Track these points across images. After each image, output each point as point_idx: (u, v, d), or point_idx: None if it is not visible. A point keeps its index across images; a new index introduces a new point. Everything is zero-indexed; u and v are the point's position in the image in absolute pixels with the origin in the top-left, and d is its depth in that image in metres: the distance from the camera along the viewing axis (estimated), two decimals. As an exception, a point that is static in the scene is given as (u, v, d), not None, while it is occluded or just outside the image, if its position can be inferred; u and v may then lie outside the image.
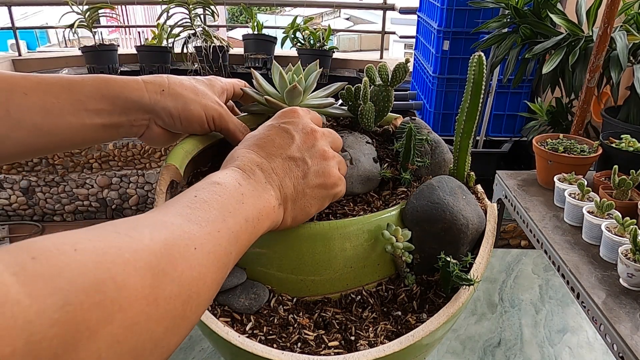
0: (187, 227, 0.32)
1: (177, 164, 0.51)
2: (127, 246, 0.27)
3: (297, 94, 0.59)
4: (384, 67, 0.60)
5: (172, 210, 0.33)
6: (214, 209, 0.35)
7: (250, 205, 0.38)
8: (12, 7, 3.77)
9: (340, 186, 0.48)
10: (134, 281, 0.26)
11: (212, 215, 0.34)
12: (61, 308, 0.22)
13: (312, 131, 0.46)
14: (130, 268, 0.26)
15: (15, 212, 2.58)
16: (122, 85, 0.49)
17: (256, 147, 0.43)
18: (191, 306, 0.30)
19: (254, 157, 0.42)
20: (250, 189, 0.39)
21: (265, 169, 0.42)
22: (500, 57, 2.24)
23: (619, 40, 1.88)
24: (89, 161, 2.52)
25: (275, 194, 0.41)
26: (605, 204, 1.35)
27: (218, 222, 0.34)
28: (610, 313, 1.10)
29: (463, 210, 0.49)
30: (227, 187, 0.37)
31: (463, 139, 0.55)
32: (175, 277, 0.28)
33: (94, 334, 0.23)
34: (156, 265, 0.27)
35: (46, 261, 0.23)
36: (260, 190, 0.40)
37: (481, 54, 0.51)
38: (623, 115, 2.00)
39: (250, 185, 0.39)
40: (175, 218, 0.32)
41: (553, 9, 2.12)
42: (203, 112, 0.52)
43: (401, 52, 6.99)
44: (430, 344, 0.45)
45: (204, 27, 3.62)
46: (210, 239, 0.32)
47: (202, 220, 0.33)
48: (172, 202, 0.35)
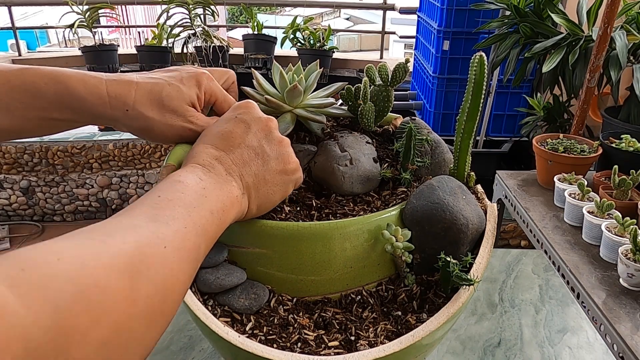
0: (154, 228, 0.33)
1: (177, 164, 0.51)
2: (104, 251, 0.28)
3: (297, 94, 0.59)
4: (384, 67, 0.60)
5: (138, 213, 0.34)
6: (178, 206, 0.36)
7: (213, 198, 0.39)
8: (12, 7, 3.77)
9: (299, 171, 0.49)
10: (114, 284, 0.27)
11: (178, 213, 0.35)
12: (53, 315, 0.23)
13: (267, 119, 0.47)
14: (110, 272, 0.27)
15: (15, 212, 2.58)
16: (84, 99, 0.46)
17: (214, 141, 0.44)
18: (167, 302, 0.31)
19: (212, 151, 0.43)
20: (212, 182, 0.40)
21: (224, 161, 0.43)
22: (501, 57, 2.24)
23: (618, 40, 1.88)
24: (89, 161, 2.51)
25: (237, 184, 0.42)
26: (606, 204, 1.35)
27: (184, 218, 0.35)
28: (611, 313, 1.10)
29: (463, 210, 0.49)
30: (189, 183, 0.39)
31: (463, 139, 0.55)
32: (150, 276, 0.30)
33: (84, 338, 0.24)
34: (132, 267, 0.29)
35: (35, 272, 0.24)
36: (221, 182, 0.41)
37: (482, 54, 0.51)
38: (623, 115, 2.00)
39: (211, 179, 0.41)
40: (143, 220, 0.33)
41: (554, 9, 2.12)
42: (168, 132, 0.50)
43: (401, 52, 6.99)
44: (430, 344, 0.45)
45: (204, 27, 3.62)
46: (178, 235, 0.34)
47: (169, 218, 0.34)
48: (137, 204, 0.36)
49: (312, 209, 0.52)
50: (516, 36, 2.20)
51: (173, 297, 0.32)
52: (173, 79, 0.50)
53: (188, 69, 0.52)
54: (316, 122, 0.61)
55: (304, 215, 0.51)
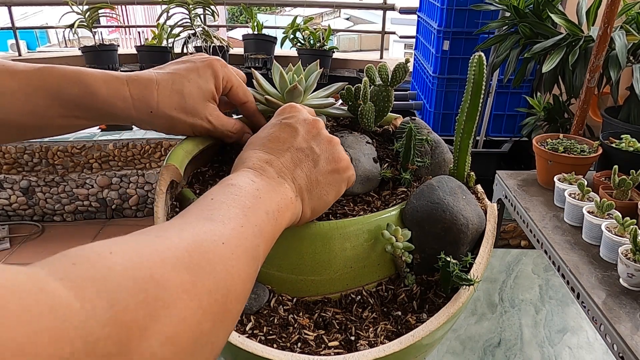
0: (211, 226, 0.32)
1: (177, 164, 0.51)
2: (159, 246, 0.28)
3: (297, 94, 0.59)
4: (384, 67, 0.60)
5: (192, 215, 0.34)
6: (232, 207, 0.35)
7: (267, 199, 0.38)
8: (12, 7, 3.77)
9: (351, 169, 0.48)
10: (172, 277, 0.26)
11: (233, 213, 0.35)
12: (110, 309, 0.22)
13: (314, 121, 0.46)
14: (167, 265, 0.26)
15: (15, 212, 2.58)
16: (109, 103, 0.46)
17: (262, 146, 0.44)
18: (231, 300, 0.30)
19: (262, 155, 0.43)
20: (264, 184, 0.40)
21: (275, 165, 0.42)
22: (501, 58, 2.24)
23: (618, 40, 1.88)
24: (89, 161, 2.51)
25: (290, 186, 0.42)
26: (605, 204, 1.35)
27: (239, 218, 0.35)
28: (611, 313, 1.10)
29: (463, 210, 0.49)
30: (242, 185, 0.38)
31: (463, 139, 0.55)
32: (210, 271, 0.29)
33: (144, 332, 0.23)
34: (190, 261, 0.28)
35: (87, 265, 0.23)
36: (274, 184, 0.41)
37: (481, 54, 0.51)
38: (623, 116, 2.00)
39: (263, 181, 0.40)
40: (198, 220, 0.33)
41: (553, 9, 2.12)
42: (191, 130, 0.53)
43: (401, 52, 6.99)
44: (430, 344, 0.45)
45: (204, 27, 3.62)
46: (235, 234, 0.33)
47: (224, 218, 0.34)
48: (190, 208, 0.36)
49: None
50: (516, 37, 2.21)
51: (236, 295, 0.31)
52: (190, 72, 0.50)
53: (202, 57, 0.52)
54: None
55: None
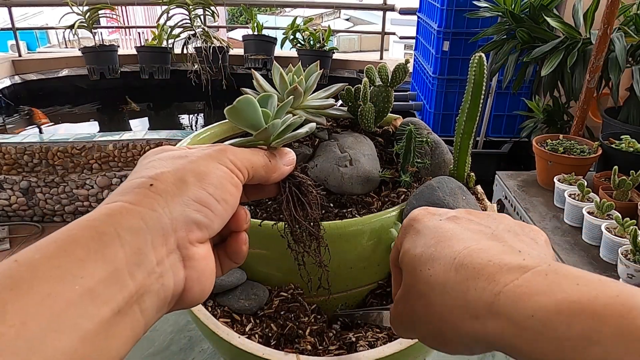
0: None
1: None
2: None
3: (297, 95, 0.59)
4: (384, 67, 0.60)
5: None
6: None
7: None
8: (12, 8, 3.77)
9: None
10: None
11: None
12: None
13: (464, 210, 0.36)
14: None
15: (15, 212, 2.58)
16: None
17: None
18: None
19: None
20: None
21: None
22: (499, 63, 2.25)
23: (617, 42, 1.88)
24: (89, 162, 2.51)
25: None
26: (605, 204, 1.35)
27: None
28: (610, 314, 1.10)
29: (463, 211, 0.49)
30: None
31: (463, 140, 0.55)
32: None
33: None
34: None
35: None
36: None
37: (482, 55, 0.51)
38: (623, 116, 2.00)
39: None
40: None
41: (549, 13, 2.13)
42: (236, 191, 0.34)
43: (401, 53, 6.98)
44: (430, 345, 0.45)
45: (204, 28, 3.63)
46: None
47: None
48: None
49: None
50: (513, 42, 2.21)
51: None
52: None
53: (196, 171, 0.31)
54: (316, 123, 0.61)
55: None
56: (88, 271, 0.24)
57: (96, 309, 0.23)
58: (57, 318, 0.22)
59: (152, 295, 0.27)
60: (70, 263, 0.24)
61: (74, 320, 0.22)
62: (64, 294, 0.22)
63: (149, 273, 0.26)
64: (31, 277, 0.22)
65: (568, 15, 2.24)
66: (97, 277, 0.24)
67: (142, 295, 0.26)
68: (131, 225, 0.27)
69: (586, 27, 2.07)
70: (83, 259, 0.24)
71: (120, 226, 0.26)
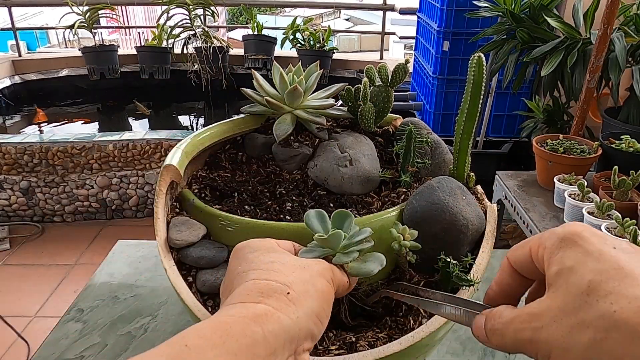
0: None
1: (177, 165, 0.51)
2: None
3: (297, 95, 0.59)
4: (384, 67, 0.60)
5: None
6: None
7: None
8: (12, 8, 3.77)
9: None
10: None
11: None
12: None
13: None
14: None
15: (15, 212, 2.58)
16: None
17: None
18: None
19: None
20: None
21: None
22: (499, 63, 2.24)
23: (617, 42, 1.88)
24: (88, 162, 2.51)
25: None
26: (605, 204, 1.35)
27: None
28: (610, 314, 1.10)
29: (463, 211, 0.49)
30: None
31: (463, 140, 0.55)
32: None
33: None
34: None
35: None
36: None
37: (481, 55, 0.51)
38: (623, 116, 2.00)
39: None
40: None
41: (550, 13, 2.13)
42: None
43: (401, 53, 6.98)
44: (430, 345, 0.45)
45: (204, 28, 3.63)
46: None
47: None
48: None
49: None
50: (513, 42, 2.21)
51: None
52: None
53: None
54: (316, 123, 0.61)
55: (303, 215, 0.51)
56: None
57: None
58: None
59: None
60: (226, 353, 0.29)
61: None
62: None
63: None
64: (197, 358, 0.27)
65: (568, 15, 2.24)
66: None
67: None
68: (274, 329, 0.31)
69: (586, 27, 2.07)
70: (236, 354, 0.29)
71: (266, 328, 0.31)
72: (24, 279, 2.18)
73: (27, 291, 2.10)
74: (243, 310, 0.31)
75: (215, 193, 0.56)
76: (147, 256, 0.89)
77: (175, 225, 0.49)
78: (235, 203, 0.53)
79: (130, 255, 0.89)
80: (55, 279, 2.18)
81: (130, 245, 0.92)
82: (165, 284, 0.79)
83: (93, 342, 0.68)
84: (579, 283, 0.28)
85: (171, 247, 0.48)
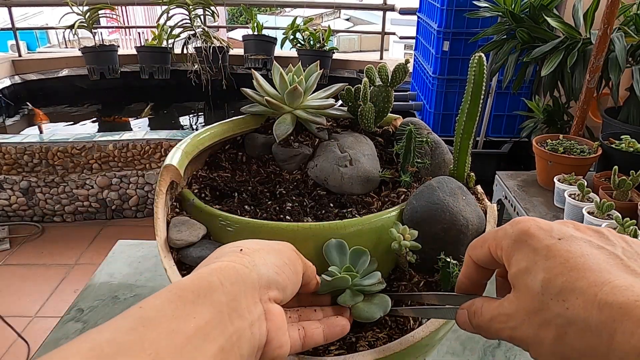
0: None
1: (177, 165, 0.51)
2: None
3: (297, 95, 0.59)
4: (384, 67, 0.60)
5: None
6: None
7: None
8: (12, 8, 3.77)
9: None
10: None
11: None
12: None
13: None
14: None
15: (15, 212, 2.58)
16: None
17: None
18: None
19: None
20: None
21: None
22: (499, 63, 2.24)
23: (617, 42, 1.88)
24: (88, 162, 2.51)
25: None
26: (605, 204, 1.35)
27: None
28: (610, 314, 1.10)
29: (463, 211, 0.49)
30: None
31: (463, 140, 0.55)
32: None
33: None
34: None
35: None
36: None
37: (481, 55, 0.51)
38: (623, 116, 2.00)
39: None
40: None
41: (550, 13, 2.13)
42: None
43: (401, 53, 6.98)
44: (430, 345, 0.45)
45: (204, 28, 3.63)
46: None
47: None
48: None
49: (312, 210, 0.52)
50: (513, 42, 2.21)
51: None
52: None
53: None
54: (316, 123, 0.61)
55: (303, 215, 0.51)
56: (198, 312, 0.28)
57: (207, 344, 0.28)
58: (180, 351, 0.26)
59: (245, 341, 0.31)
60: (184, 305, 0.28)
61: (192, 353, 0.27)
62: (184, 331, 0.27)
63: (242, 319, 0.30)
64: (157, 316, 0.27)
65: (568, 15, 2.24)
66: (206, 317, 0.28)
67: (239, 339, 0.30)
68: (230, 276, 0.31)
69: (586, 27, 2.07)
70: (194, 302, 0.29)
71: (222, 277, 0.31)
72: (24, 279, 2.18)
73: (27, 291, 2.10)
74: (198, 271, 0.33)
75: (215, 193, 0.56)
76: (147, 256, 0.89)
77: (175, 225, 0.49)
78: (235, 203, 0.53)
79: (130, 255, 0.89)
80: (55, 279, 2.18)
81: (130, 245, 0.92)
82: (165, 284, 0.79)
83: (93, 342, 0.68)
84: (534, 285, 0.30)
85: (171, 247, 0.48)
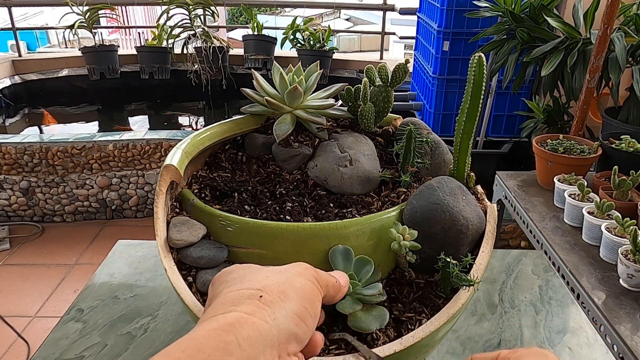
0: None
1: (177, 165, 0.51)
2: None
3: (297, 95, 0.59)
4: (384, 67, 0.60)
5: None
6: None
7: None
8: (12, 8, 3.77)
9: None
10: None
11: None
12: None
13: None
14: None
15: (15, 212, 2.58)
16: None
17: None
18: None
19: None
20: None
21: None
22: (499, 63, 2.24)
23: (617, 42, 1.88)
24: (88, 162, 2.51)
25: None
26: (605, 204, 1.35)
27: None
28: (610, 314, 1.10)
29: (463, 211, 0.49)
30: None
31: (463, 140, 0.55)
32: None
33: None
34: None
35: None
36: None
37: (481, 55, 0.51)
38: (623, 116, 2.00)
39: None
40: None
41: (550, 13, 2.12)
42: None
43: (401, 53, 6.99)
44: (430, 345, 0.45)
45: (204, 28, 3.62)
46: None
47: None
48: None
49: (312, 210, 0.52)
50: (513, 42, 2.21)
51: None
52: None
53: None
54: (316, 123, 0.61)
55: (303, 215, 0.51)
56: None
57: None
58: None
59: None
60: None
61: None
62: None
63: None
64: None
65: (568, 15, 2.24)
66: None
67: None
68: (249, 336, 0.30)
69: (586, 27, 2.07)
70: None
71: (241, 337, 0.29)
72: (24, 279, 2.18)
73: (27, 291, 2.10)
74: (214, 323, 0.30)
75: (215, 193, 0.56)
76: (147, 256, 0.89)
77: (175, 225, 0.49)
78: (235, 203, 0.53)
79: (130, 255, 0.89)
80: (55, 279, 2.18)
81: (130, 245, 0.92)
82: (165, 284, 0.79)
83: (93, 342, 0.68)
84: None
85: (171, 247, 0.48)
